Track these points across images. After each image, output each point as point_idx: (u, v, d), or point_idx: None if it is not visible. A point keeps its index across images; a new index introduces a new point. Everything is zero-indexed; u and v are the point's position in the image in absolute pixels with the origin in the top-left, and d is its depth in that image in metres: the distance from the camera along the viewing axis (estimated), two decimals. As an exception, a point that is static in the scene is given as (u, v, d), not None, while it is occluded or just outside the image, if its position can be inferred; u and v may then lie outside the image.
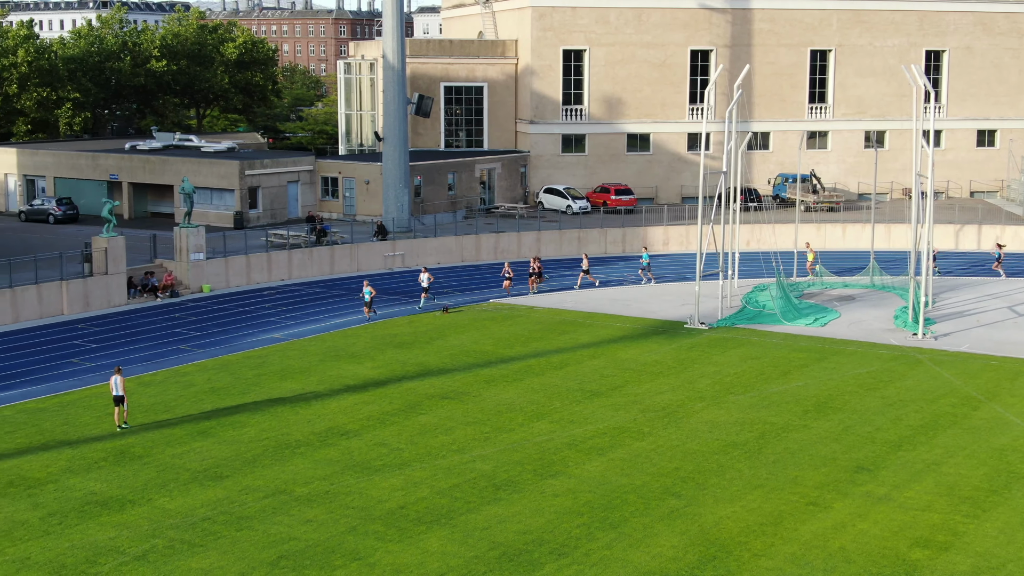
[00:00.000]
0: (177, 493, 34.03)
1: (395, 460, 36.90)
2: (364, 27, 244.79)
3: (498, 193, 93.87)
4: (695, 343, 53.53)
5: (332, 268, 71.54)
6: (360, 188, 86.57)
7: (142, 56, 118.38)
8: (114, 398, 40.93)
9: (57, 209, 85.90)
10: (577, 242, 78.30)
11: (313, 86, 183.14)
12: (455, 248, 75.91)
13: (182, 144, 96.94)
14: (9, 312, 57.16)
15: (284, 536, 30.72)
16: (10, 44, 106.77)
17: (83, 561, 29.16)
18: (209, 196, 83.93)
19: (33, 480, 35.17)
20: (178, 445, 38.49)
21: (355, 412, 42.26)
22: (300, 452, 37.75)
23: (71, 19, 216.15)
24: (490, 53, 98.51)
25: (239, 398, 44.23)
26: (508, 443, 38.61)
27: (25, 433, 39.90)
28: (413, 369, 48.59)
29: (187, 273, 65.13)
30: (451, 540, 30.43)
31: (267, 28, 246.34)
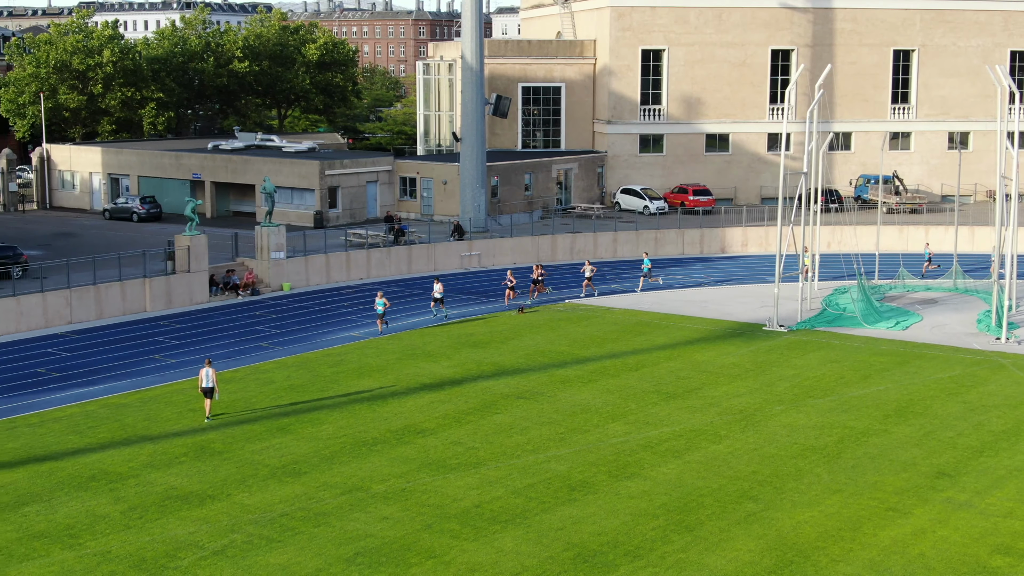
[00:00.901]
0: (256, 489, 34.44)
1: (470, 459, 37.02)
2: (443, 28, 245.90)
3: (574, 193, 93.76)
4: (774, 346, 53.04)
5: (409, 267, 71.95)
6: (438, 188, 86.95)
7: (225, 57, 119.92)
8: (204, 390, 41.67)
9: (141, 208, 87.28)
10: (654, 243, 77.97)
11: (392, 87, 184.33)
12: (531, 248, 75.95)
13: (264, 144, 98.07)
14: (94, 309, 58.24)
15: (360, 533, 30.96)
16: (95, 44, 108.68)
17: (163, 555, 29.62)
18: (290, 195, 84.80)
19: (115, 474, 35.79)
20: (257, 441, 38.95)
21: (431, 411, 42.46)
22: (377, 450, 38.01)
23: (155, 20, 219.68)
24: (568, 53, 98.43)
25: (317, 395, 44.66)
26: (583, 444, 38.56)
27: (108, 428, 40.63)
28: (489, 369, 48.71)
29: (268, 271, 65.89)
30: (526, 540, 30.46)
31: (347, 29, 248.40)
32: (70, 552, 29.78)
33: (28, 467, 36.46)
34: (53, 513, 32.51)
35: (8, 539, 30.60)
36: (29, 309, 56.08)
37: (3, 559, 29.31)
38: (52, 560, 29.28)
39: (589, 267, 64.82)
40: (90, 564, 29.06)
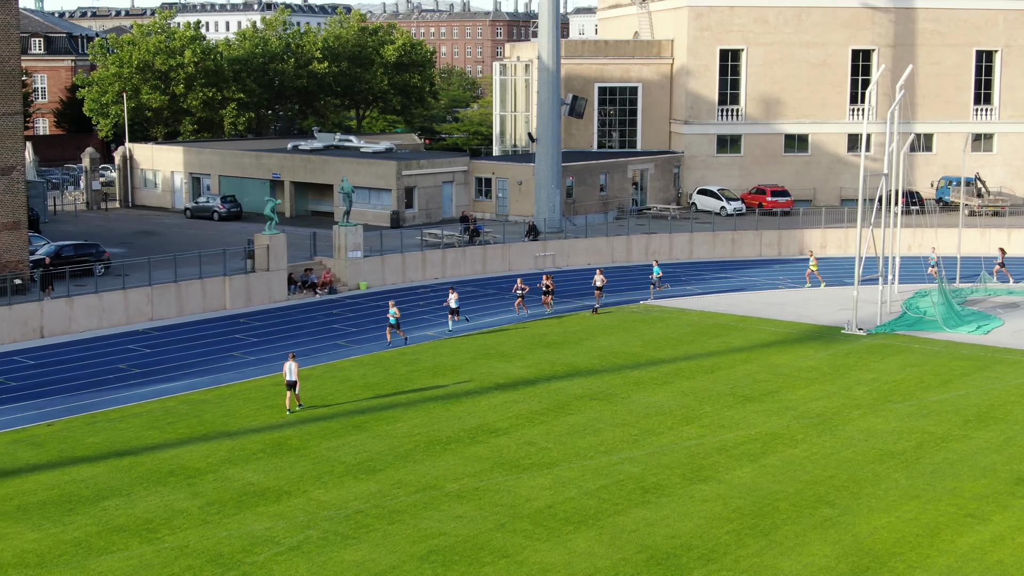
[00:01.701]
0: (331, 485, 34.75)
1: (543, 459, 37.04)
2: (520, 29, 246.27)
3: (650, 194, 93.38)
4: (852, 349, 52.41)
5: (484, 267, 72.15)
6: (513, 188, 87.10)
7: (305, 58, 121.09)
8: (287, 383, 42.36)
9: (221, 207, 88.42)
10: (731, 244, 77.43)
11: (469, 87, 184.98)
12: (605, 249, 75.79)
13: (342, 144, 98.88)
14: (174, 306, 59.14)
15: (434, 531, 31.11)
16: (177, 45, 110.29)
17: (239, 550, 29.99)
18: (367, 195, 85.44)
19: (193, 470, 36.31)
20: (333, 438, 39.30)
21: (505, 410, 42.55)
22: (451, 448, 38.17)
23: (236, 21, 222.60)
24: (645, 53, 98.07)
25: (393, 393, 44.95)
26: (657, 446, 38.40)
27: (187, 424, 41.23)
28: (562, 369, 48.69)
29: (345, 270, 66.45)
30: (598, 541, 30.41)
31: (425, 30, 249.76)
32: (148, 546, 30.28)
33: (108, 461, 37.13)
34: (132, 507, 33.07)
35: (88, 532, 31.19)
36: (111, 306, 57.09)
37: (83, 552, 29.89)
38: (130, 554, 29.78)
39: (600, 276, 61.47)
40: (168, 558, 29.52)
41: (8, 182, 58.97)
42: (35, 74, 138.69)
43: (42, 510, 32.82)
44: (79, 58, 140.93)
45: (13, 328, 53.80)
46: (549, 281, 60.64)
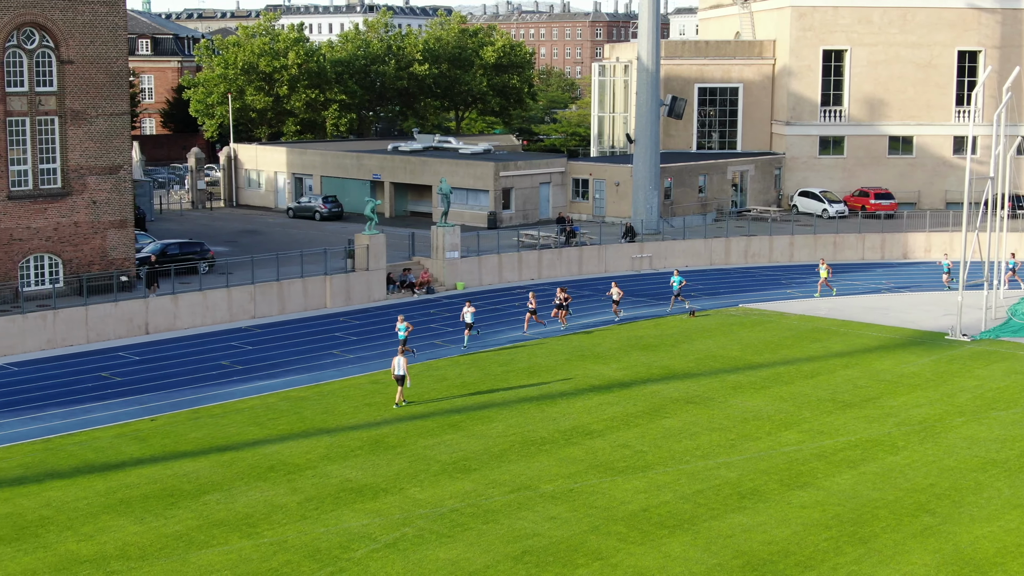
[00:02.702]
0: (427, 483, 35.01)
1: (638, 462, 36.91)
2: (620, 29, 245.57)
3: (750, 196, 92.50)
4: (956, 355, 51.39)
5: (580, 269, 72.10)
6: (610, 190, 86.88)
7: (405, 60, 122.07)
8: (396, 377, 43.19)
9: (323, 207, 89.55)
10: (832, 247, 76.36)
11: (568, 88, 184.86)
12: (704, 251, 75.25)
13: (441, 146, 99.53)
14: (276, 304, 60.06)
15: (528, 532, 31.18)
16: (281, 47, 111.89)
17: (337, 546, 30.36)
18: (465, 196, 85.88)
19: (293, 466, 36.84)
20: (430, 437, 39.59)
21: (599, 412, 42.48)
22: (545, 449, 38.22)
23: (339, 23, 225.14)
24: (746, 53, 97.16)
25: (488, 393, 45.14)
26: (754, 451, 38.04)
27: (287, 420, 41.85)
28: (658, 372, 48.46)
29: (443, 271, 66.90)
30: (693, 546, 30.22)
31: (525, 31, 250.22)
32: (248, 540, 30.79)
33: (210, 457, 37.83)
34: (232, 502, 33.65)
35: (189, 526, 31.81)
36: (215, 303, 58.16)
37: (184, 545, 30.49)
38: (230, 548, 30.31)
39: (616, 290, 58.67)
40: (267, 553, 29.99)
41: (115, 181, 60.39)
42: (142, 75, 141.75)
43: (144, 504, 33.56)
44: (185, 59, 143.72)
45: (119, 324, 55.10)
46: (564, 294, 57.26)
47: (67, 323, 53.65)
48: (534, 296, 56.46)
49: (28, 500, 33.83)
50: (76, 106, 58.75)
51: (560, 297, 57.22)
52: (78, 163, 59.10)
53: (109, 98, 59.78)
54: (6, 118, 56.80)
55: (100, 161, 59.81)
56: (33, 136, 57.83)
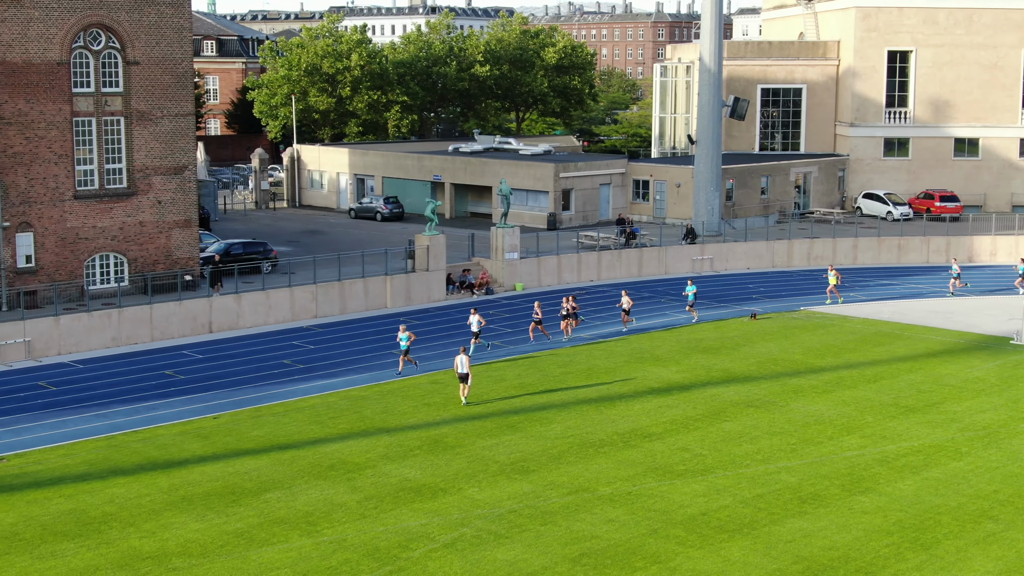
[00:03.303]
0: (485, 484, 35.08)
1: (698, 466, 36.73)
2: (683, 30, 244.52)
3: (813, 198, 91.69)
4: (1021, 360, 50.60)
5: (640, 270, 71.86)
6: (671, 191, 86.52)
7: (467, 61, 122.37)
8: (459, 375, 43.54)
9: (384, 207, 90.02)
10: (897, 250, 75.51)
11: (629, 89, 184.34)
12: (765, 253, 74.70)
13: (501, 147, 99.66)
14: (337, 304, 60.46)
15: (586, 534, 31.14)
16: (344, 49, 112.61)
17: (395, 545, 30.50)
18: (525, 197, 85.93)
19: (352, 464, 37.06)
20: (488, 437, 39.66)
21: (658, 415, 42.32)
22: (603, 452, 38.15)
23: (401, 24, 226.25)
24: (810, 54, 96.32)
25: (546, 395, 45.13)
26: (815, 456, 37.71)
27: (347, 419, 42.11)
28: (718, 375, 48.19)
29: (502, 271, 66.99)
30: (753, 551, 30.02)
31: (587, 32, 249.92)
32: (308, 539, 31.02)
33: (271, 455, 38.17)
34: (293, 500, 33.92)
35: (250, 524, 32.11)
36: (277, 303, 58.68)
37: (244, 543, 30.78)
38: (291, 546, 30.56)
39: (626, 298, 56.69)
40: (326, 551, 30.20)
41: (180, 181, 61.11)
42: (207, 76, 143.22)
43: (206, 501, 33.92)
44: (249, 60, 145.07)
45: (183, 323, 55.75)
46: (570, 304, 55.03)
47: (132, 321, 54.38)
48: (540, 306, 54.00)
49: (92, 497, 34.32)
50: (142, 107, 59.52)
51: (567, 306, 54.97)
52: (143, 163, 59.86)
53: (174, 99, 60.49)
54: (73, 118, 57.66)
55: (165, 161, 60.55)
56: (99, 136, 58.66)
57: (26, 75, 55.86)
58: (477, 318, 51.56)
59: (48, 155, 56.89)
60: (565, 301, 55.36)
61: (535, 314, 53.61)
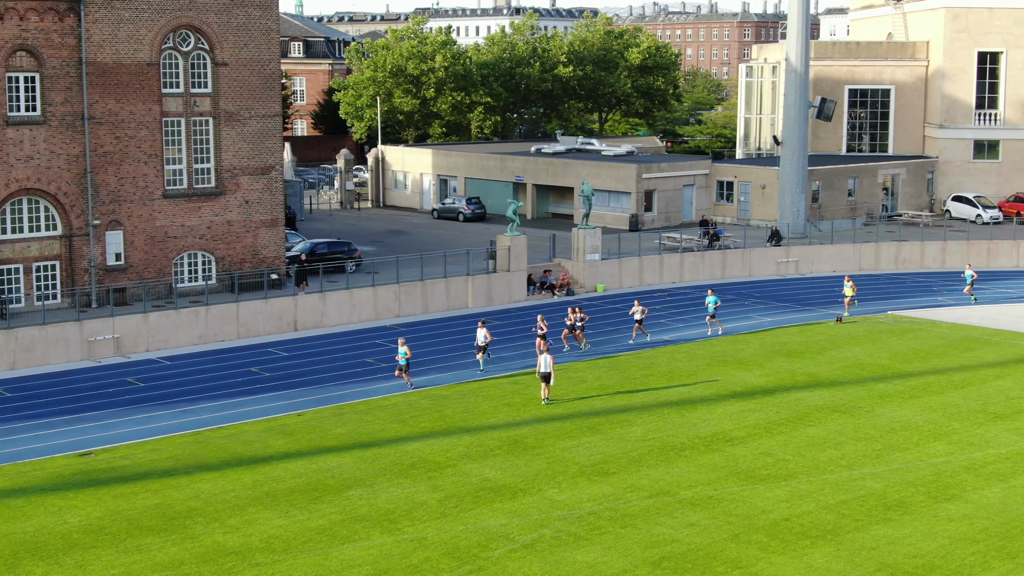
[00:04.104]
0: (565, 485, 35.05)
1: (780, 471, 36.36)
2: (769, 30, 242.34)
3: (901, 200, 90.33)
4: (1116, 368, 49.41)
5: (723, 272, 71.33)
6: (756, 192, 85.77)
7: (550, 62, 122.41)
8: (541, 375, 43.86)
9: (467, 208, 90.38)
10: (986, 254, 74.10)
11: (714, 90, 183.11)
12: (852, 256, 73.73)
13: (584, 148, 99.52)
14: (419, 303, 60.83)
15: (666, 537, 30.98)
16: (429, 50, 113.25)
17: (475, 545, 30.59)
18: (607, 198, 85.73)
19: (433, 463, 37.25)
20: (568, 439, 39.63)
21: (741, 419, 41.97)
22: (684, 455, 37.93)
23: (486, 26, 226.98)
24: (899, 55, 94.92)
25: (627, 397, 44.98)
26: (901, 462, 37.15)
27: (428, 418, 42.34)
28: (803, 379, 47.66)
29: (583, 272, 66.90)
30: (836, 557, 29.65)
31: (671, 32, 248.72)
32: (389, 536, 31.24)
33: (353, 452, 38.50)
34: (375, 498, 34.18)
35: (332, 521, 32.41)
36: (361, 302, 59.19)
37: (327, 540, 31.08)
38: (372, 543, 30.79)
39: (639, 308, 54.22)
40: (407, 549, 30.38)
41: (267, 181, 61.89)
42: (294, 77, 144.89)
43: (289, 497, 34.31)
44: (336, 62, 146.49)
45: (269, 321, 56.47)
46: (575, 315, 52.18)
47: (219, 319, 55.19)
48: (543, 320, 50.41)
49: (177, 492, 34.88)
50: (230, 107, 60.38)
51: (573, 317, 52.24)
52: (231, 163, 60.72)
53: (262, 100, 61.28)
54: (162, 119, 58.67)
55: (252, 161, 61.36)
56: (188, 137, 59.61)
57: (117, 75, 56.96)
58: (484, 332, 48.63)
59: (138, 154, 57.95)
60: (571, 312, 52.45)
61: (540, 328, 49.74)
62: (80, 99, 56.11)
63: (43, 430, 41.35)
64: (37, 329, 50.91)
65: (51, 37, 55.22)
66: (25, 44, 54.59)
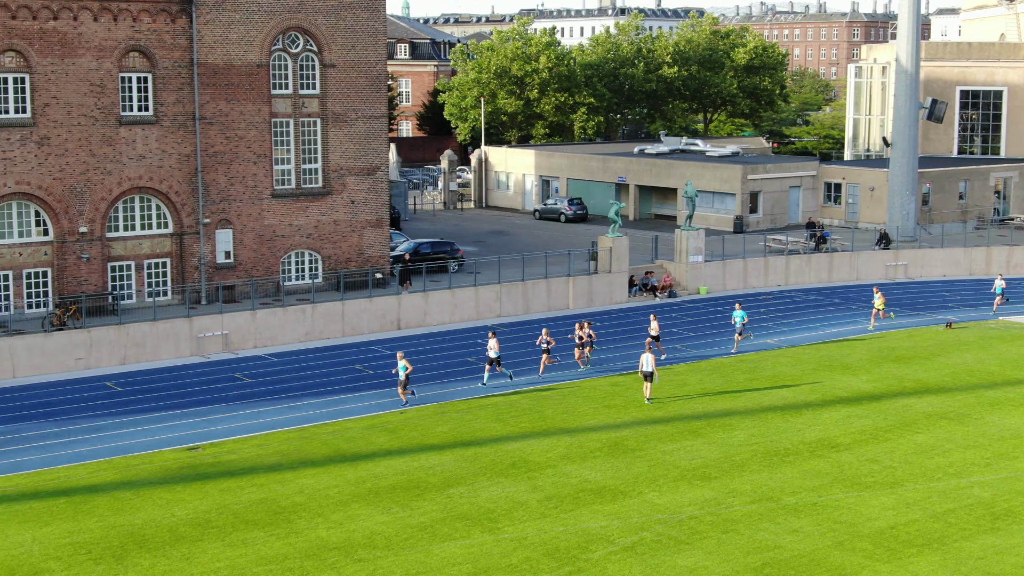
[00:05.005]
0: (666, 489, 34.85)
1: (887, 478, 35.73)
2: (878, 30, 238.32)
3: (1013, 203, 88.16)
4: None
5: (830, 276, 70.30)
6: (864, 194, 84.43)
7: (655, 62, 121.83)
8: (644, 374, 44.04)
9: (568, 209, 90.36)
10: (1103, 259, 72.08)
11: (822, 90, 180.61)
12: (963, 260, 72.17)
13: (688, 148, 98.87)
14: (521, 303, 60.96)
15: (769, 543, 30.63)
16: (533, 51, 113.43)
17: (575, 546, 30.56)
18: (711, 199, 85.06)
19: (533, 464, 37.30)
20: (669, 442, 39.39)
21: (847, 425, 41.33)
22: (788, 461, 37.46)
23: (590, 26, 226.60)
24: (1012, 56, 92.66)
25: (730, 401, 44.57)
26: (1011, 471, 36.26)
27: (528, 418, 42.41)
28: (911, 385, 46.77)
29: (685, 274, 66.45)
30: (942, 567, 29.05)
31: (778, 32, 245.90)
32: (489, 535, 31.35)
33: (455, 451, 38.71)
34: (475, 496, 34.33)
35: (433, 518, 32.63)
36: (463, 301, 59.52)
37: (428, 537, 31.29)
38: (472, 542, 30.93)
39: (655, 323, 51.20)
40: (507, 548, 30.46)
41: (373, 182, 62.53)
42: (400, 78, 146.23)
43: (391, 494, 34.62)
44: (441, 63, 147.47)
45: (373, 320, 57.06)
46: (584, 331, 49.58)
47: (325, 317, 55.93)
48: (548, 333, 48.79)
49: (282, 487, 35.41)
50: (337, 109, 61.13)
51: (579, 334, 49.46)
52: (338, 164, 61.48)
53: (368, 101, 61.95)
54: (271, 119, 59.62)
55: (359, 162, 62.06)
56: (296, 137, 60.49)
57: (227, 76, 58.02)
58: (494, 342, 46.56)
59: (247, 154, 58.97)
60: (579, 328, 49.80)
61: (546, 342, 48.13)
62: (191, 99, 57.28)
63: (152, 424, 42.29)
64: (148, 325, 52.09)
65: (163, 38, 56.45)
66: (138, 45, 55.90)
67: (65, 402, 45.29)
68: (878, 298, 57.28)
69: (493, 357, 46.80)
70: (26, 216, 54.62)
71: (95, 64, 54.99)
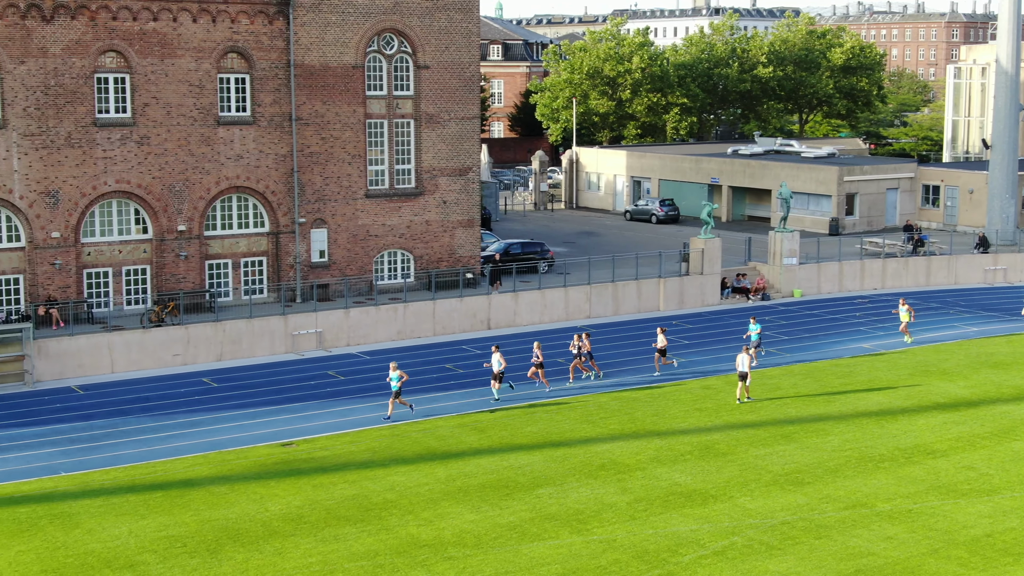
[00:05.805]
0: (758, 493, 34.54)
1: (984, 486, 35.04)
2: (978, 31, 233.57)
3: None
4: None
5: (928, 279, 69.11)
6: (963, 197, 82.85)
7: (749, 62, 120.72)
8: (739, 374, 44.16)
9: (660, 210, 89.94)
10: None
11: (920, 91, 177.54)
12: (1066, 265, 70.57)
13: (782, 149, 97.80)
14: (611, 304, 60.83)
15: (862, 550, 30.21)
16: (626, 52, 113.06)
17: (664, 549, 30.43)
18: (806, 201, 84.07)
19: (623, 466, 37.20)
20: (761, 446, 39.03)
21: (943, 431, 40.60)
22: (883, 467, 36.90)
23: (684, 26, 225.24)
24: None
25: (824, 406, 44.03)
26: (1115, 482, 35.35)
27: (618, 420, 42.31)
28: (1009, 392, 45.80)
29: (779, 277, 65.76)
30: (1042, 578, 28.43)
31: (876, 32, 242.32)
32: (578, 536, 31.34)
33: (543, 451, 38.76)
34: (564, 497, 34.34)
35: (522, 518, 32.70)
36: (552, 302, 59.55)
37: (517, 536, 31.37)
38: (561, 543, 30.95)
39: (662, 336, 49.37)
40: (596, 550, 30.43)
41: (464, 182, 62.84)
42: (492, 79, 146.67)
43: (481, 493, 34.77)
44: (533, 64, 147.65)
45: (463, 319, 57.35)
46: (581, 342, 47.89)
47: (416, 316, 56.35)
48: (540, 348, 46.58)
49: (374, 483, 35.75)
50: (430, 110, 61.54)
51: (576, 344, 47.84)
52: (431, 164, 61.89)
53: (461, 102, 62.26)
54: (366, 120, 60.19)
55: (451, 163, 62.41)
56: (390, 138, 61.01)
57: (323, 77, 58.70)
58: (498, 357, 44.76)
59: (342, 155, 59.61)
60: (576, 339, 48.08)
61: (536, 356, 46.29)
62: (288, 100, 58.06)
63: (247, 420, 42.97)
64: (244, 322, 52.92)
65: (261, 39, 57.30)
66: (236, 46, 56.81)
67: (162, 397, 46.21)
68: (904, 310, 54.12)
69: (496, 371, 44.79)
70: (126, 214, 55.80)
71: (194, 65, 55.99)
